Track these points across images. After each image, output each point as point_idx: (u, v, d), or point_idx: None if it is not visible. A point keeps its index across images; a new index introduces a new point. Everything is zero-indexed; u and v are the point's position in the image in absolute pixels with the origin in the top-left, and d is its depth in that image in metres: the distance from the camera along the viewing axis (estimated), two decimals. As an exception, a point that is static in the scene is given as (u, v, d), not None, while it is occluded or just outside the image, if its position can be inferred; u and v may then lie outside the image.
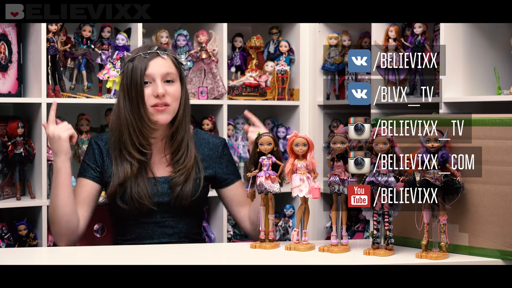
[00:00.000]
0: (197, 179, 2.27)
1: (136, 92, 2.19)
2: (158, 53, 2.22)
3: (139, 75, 2.18)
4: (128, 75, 2.20)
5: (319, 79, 3.54)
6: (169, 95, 2.21)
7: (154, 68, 2.20)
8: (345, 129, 1.99)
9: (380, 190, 1.93)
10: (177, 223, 2.28)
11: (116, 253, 2.09)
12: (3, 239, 2.93)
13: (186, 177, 2.25)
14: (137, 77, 2.19)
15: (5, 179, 2.98)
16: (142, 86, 2.19)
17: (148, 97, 2.20)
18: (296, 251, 2.00)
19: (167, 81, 2.22)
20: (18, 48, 3.03)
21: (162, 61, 2.22)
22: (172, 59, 2.25)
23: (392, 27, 3.14)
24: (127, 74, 2.21)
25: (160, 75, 2.20)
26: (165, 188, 2.25)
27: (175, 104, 2.24)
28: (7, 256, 2.06)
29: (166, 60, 2.23)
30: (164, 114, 2.22)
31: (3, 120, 2.98)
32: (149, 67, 2.20)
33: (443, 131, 1.92)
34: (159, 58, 2.22)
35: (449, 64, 2.86)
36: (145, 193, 2.21)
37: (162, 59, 2.22)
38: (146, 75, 2.19)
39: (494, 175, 1.89)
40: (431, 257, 1.88)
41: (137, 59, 2.20)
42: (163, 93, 2.19)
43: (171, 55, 2.26)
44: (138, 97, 2.19)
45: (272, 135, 2.06)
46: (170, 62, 2.24)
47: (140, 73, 2.18)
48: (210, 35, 3.33)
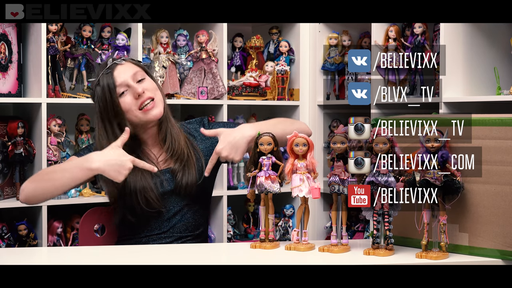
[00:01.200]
0: (199, 165, 2.29)
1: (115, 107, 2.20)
2: (116, 62, 2.24)
3: (111, 90, 2.19)
4: (101, 98, 2.21)
5: (319, 79, 3.54)
6: (148, 90, 2.23)
7: (121, 76, 2.21)
8: (345, 129, 1.99)
9: (380, 190, 1.93)
10: (184, 212, 2.28)
11: (116, 253, 2.09)
12: (3, 239, 2.94)
13: (183, 163, 2.27)
14: (110, 93, 2.20)
15: (5, 179, 2.98)
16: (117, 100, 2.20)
17: (131, 103, 2.21)
18: (296, 251, 2.00)
19: (139, 80, 2.24)
20: (18, 48, 3.03)
21: (123, 67, 2.24)
22: (131, 61, 2.28)
23: (392, 27, 3.14)
24: (100, 98, 2.21)
25: (130, 77, 2.22)
26: (167, 177, 2.27)
27: (158, 95, 2.26)
28: (7, 256, 2.06)
29: (125, 64, 2.25)
30: (154, 109, 2.23)
31: (3, 120, 2.98)
32: (116, 78, 2.21)
33: (443, 131, 1.92)
34: (119, 66, 2.23)
35: (449, 64, 2.86)
36: (150, 189, 2.22)
37: (122, 66, 2.24)
38: (117, 86, 2.20)
39: (494, 175, 1.89)
40: (431, 257, 1.88)
41: (101, 79, 2.21)
42: (142, 90, 2.21)
43: (129, 59, 2.29)
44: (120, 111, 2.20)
45: (272, 135, 2.06)
46: (131, 64, 2.26)
47: (110, 88, 2.19)
48: (210, 35, 3.33)
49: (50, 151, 2.98)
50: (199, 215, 2.33)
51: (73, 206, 3.09)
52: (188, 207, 2.29)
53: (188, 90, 3.32)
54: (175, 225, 2.28)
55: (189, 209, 2.30)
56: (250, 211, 3.58)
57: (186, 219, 2.29)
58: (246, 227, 3.59)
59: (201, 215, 2.34)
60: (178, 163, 2.26)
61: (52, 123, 3.01)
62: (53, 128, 3.01)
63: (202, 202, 2.35)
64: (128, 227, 2.31)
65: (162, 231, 2.27)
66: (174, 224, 2.28)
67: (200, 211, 2.34)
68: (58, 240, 3.05)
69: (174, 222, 2.28)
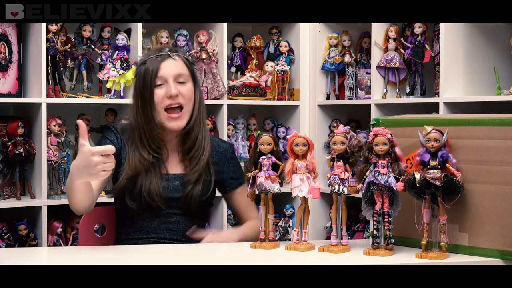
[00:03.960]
0: (207, 181, 2.29)
1: (149, 94, 2.21)
2: (169, 54, 2.24)
3: (151, 77, 2.20)
4: (141, 78, 2.23)
5: (319, 79, 3.54)
6: (182, 95, 2.22)
7: (166, 70, 2.21)
8: (345, 129, 1.99)
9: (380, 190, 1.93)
10: (183, 220, 2.28)
11: (116, 253, 2.09)
12: (3, 239, 2.94)
13: (198, 176, 2.26)
14: (149, 79, 2.21)
15: (5, 179, 2.98)
16: (153, 88, 2.20)
17: (161, 99, 2.21)
18: (296, 251, 2.01)
19: (180, 82, 2.23)
20: (18, 48, 3.03)
21: (174, 62, 2.24)
22: (184, 60, 2.27)
23: (392, 27, 3.14)
24: (140, 77, 2.23)
25: (172, 76, 2.22)
26: (176, 185, 2.26)
27: (189, 105, 2.25)
28: (7, 256, 2.06)
29: (177, 61, 2.25)
30: (177, 121, 2.23)
31: (3, 120, 2.98)
32: (160, 68, 2.21)
33: (443, 131, 1.92)
34: (170, 59, 2.24)
35: (449, 64, 2.86)
36: (155, 190, 2.22)
37: (173, 60, 2.24)
38: (158, 77, 2.21)
39: (494, 175, 1.89)
40: (431, 257, 1.88)
41: (148, 61, 2.23)
42: (176, 93, 2.20)
43: (183, 56, 2.28)
44: (151, 99, 2.21)
45: (272, 135, 2.06)
46: (182, 63, 2.26)
47: (151, 75, 2.20)
48: (210, 35, 3.33)
49: (50, 151, 2.98)
50: (198, 224, 2.33)
51: (73, 206, 3.09)
52: (186, 216, 2.29)
53: (198, 91, 3.32)
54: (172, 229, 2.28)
55: (187, 218, 2.30)
56: (250, 211, 3.58)
57: (184, 229, 2.29)
58: (246, 227, 3.59)
59: (200, 224, 2.34)
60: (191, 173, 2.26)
61: (52, 123, 3.01)
62: (53, 128, 3.01)
63: (201, 213, 2.36)
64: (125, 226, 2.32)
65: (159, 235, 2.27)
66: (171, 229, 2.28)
67: (198, 221, 2.34)
68: (58, 240, 3.05)
69: (175, 228, 2.28)
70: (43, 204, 2.94)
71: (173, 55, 2.24)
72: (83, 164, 1.93)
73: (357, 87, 3.43)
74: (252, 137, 3.50)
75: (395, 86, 3.20)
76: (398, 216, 1.96)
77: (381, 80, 3.20)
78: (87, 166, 1.92)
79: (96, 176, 1.94)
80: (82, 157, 1.93)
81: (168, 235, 2.28)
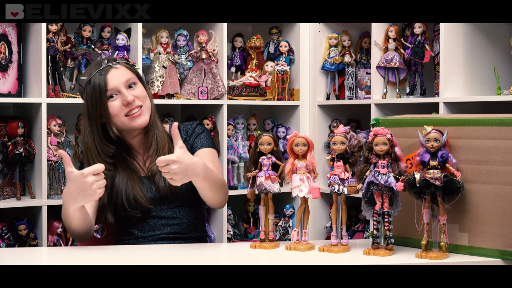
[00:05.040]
0: None
1: (102, 109, 2.20)
2: (111, 65, 2.23)
3: (101, 92, 2.19)
4: (90, 96, 2.21)
5: (319, 79, 3.54)
6: (138, 98, 2.24)
7: (114, 80, 2.21)
8: (345, 129, 1.99)
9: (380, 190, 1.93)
10: (175, 213, 2.28)
11: (116, 253, 2.09)
12: (3, 239, 2.94)
13: None
14: (99, 94, 2.19)
15: (5, 179, 2.98)
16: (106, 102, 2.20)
17: (119, 109, 2.21)
18: (296, 251, 2.00)
19: (130, 86, 2.24)
20: (18, 48, 3.03)
21: (117, 71, 2.23)
22: (125, 65, 2.27)
23: (392, 27, 3.14)
24: (89, 96, 2.21)
25: (122, 84, 2.22)
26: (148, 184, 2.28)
27: (146, 102, 2.27)
28: (7, 256, 2.06)
29: (120, 69, 2.24)
30: (141, 117, 2.24)
31: (3, 120, 2.98)
32: (108, 81, 2.20)
33: (443, 131, 1.92)
34: (113, 69, 2.23)
35: (449, 64, 2.86)
36: (139, 194, 2.23)
37: (116, 70, 2.23)
38: (109, 90, 2.20)
39: (494, 175, 1.89)
40: (431, 257, 1.88)
41: (93, 79, 2.21)
42: (132, 99, 2.21)
43: (123, 62, 2.28)
44: (106, 113, 2.21)
45: (272, 135, 2.06)
46: (125, 68, 2.26)
47: (101, 90, 2.19)
48: (210, 35, 3.33)
49: (50, 151, 2.98)
50: (193, 217, 2.32)
51: (73, 206, 3.09)
52: (179, 208, 2.29)
53: (188, 90, 3.32)
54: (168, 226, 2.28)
55: (180, 210, 2.29)
56: (250, 211, 3.58)
57: (180, 221, 2.29)
58: (246, 227, 3.59)
59: (195, 217, 2.33)
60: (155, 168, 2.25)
61: (52, 123, 3.01)
62: (53, 128, 3.01)
63: (194, 203, 2.34)
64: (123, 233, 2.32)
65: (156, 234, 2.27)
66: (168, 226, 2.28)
67: (194, 213, 2.33)
68: (58, 240, 3.05)
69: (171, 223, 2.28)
70: (43, 204, 2.94)
71: (114, 64, 2.23)
72: (78, 189, 1.99)
73: (357, 87, 3.43)
74: (252, 137, 3.50)
75: (395, 86, 3.20)
76: (398, 216, 1.96)
77: (381, 80, 3.20)
78: (83, 190, 1.98)
79: (93, 196, 1.99)
80: (74, 183, 1.98)
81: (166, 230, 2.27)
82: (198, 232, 2.34)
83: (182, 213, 2.30)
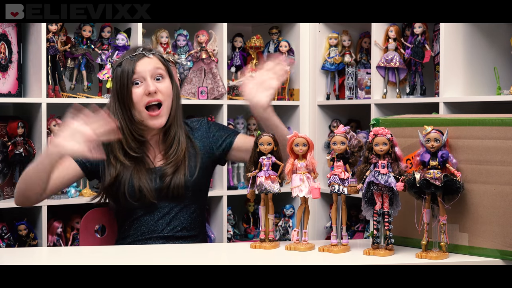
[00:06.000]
0: (191, 166, 2.30)
1: (127, 93, 2.23)
2: (144, 53, 2.27)
3: (128, 76, 2.23)
4: (118, 79, 2.25)
5: (319, 79, 3.54)
6: (161, 92, 2.25)
7: (142, 67, 2.24)
8: (345, 129, 1.98)
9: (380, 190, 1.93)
10: (178, 212, 2.28)
11: (116, 253, 2.09)
12: (3, 239, 2.94)
13: (175, 168, 2.27)
14: (126, 78, 2.23)
15: (5, 179, 2.98)
16: (130, 87, 2.22)
17: (140, 97, 2.23)
18: (296, 251, 2.00)
19: (157, 79, 2.25)
20: (18, 48, 3.03)
21: (149, 60, 2.27)
22: (159, 57, 2.30)
23: (392, 27, 3.14)
24: (117, 79, 2.26)
25: (149, 72, 2.24)
26: (159, 178, 2.28)
27: (168, 101, 2.27)
28: (7, 256, 2.06)
29: (152, 59, 2.28)
30: (158, 119, 2.25)
31: (3, 120, 2.98)
32: (136, 67, 2.24)
33: (443, 131, 1.92)
34: (145, 58, 2.26)
35: (449, 64, 2.86)
36: (145, 186, 2.23)
37: (148, 59, 2.27)
38: (135, 74, 2.22)
39: (494, 175, 1.89)
40: (431, 257, 1.88)
41: (124, 63, 2.25)
42: (154, 90, 2.22)
43: (157, 54, 2.31)
44: (129, 99, 2.23)
45: (272, 135, 2.06)
46: (157, 60, 2.29)
47: (128, 74, 2.23)
48: (210, 35, 3.33)
49: (50, 151, 2.98)
50: (194, 216, 2.32)
51: (73, 206, 3.09)
52: (180, 207, 2.29)
53: (188, 90, 3.32)
54: (169, 224, 2.28)
55: (181, 209, 2.29)
56: (250, 211, 3.58)
57: (179, 219, 2.29)
58: (246, 227, 3.59)
59: (197, 216, 2.34)
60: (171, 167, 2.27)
61: (52, 123, 3.01)
62: (53, 128, 3.01)
63: (196, 202, 2.34)
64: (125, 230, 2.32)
65: (157, 231, 2.27)
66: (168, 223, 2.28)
67: (196, 211, 2.33)
68: (58, 240, 3.05)
69: (168, 221, 2.28)
70: (43, 204, 2.93)
71: (147, 53, 2.27)
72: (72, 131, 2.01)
73: (357, 87, 3.43)
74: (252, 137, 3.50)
75: (395, 86, 3.20)
76: (398, 216, 1.96)
77: (381, 80, 3.20)
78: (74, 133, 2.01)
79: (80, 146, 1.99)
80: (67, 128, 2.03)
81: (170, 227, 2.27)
82: (198, 232, 2.34)
83: (182, 213, 2.30)
